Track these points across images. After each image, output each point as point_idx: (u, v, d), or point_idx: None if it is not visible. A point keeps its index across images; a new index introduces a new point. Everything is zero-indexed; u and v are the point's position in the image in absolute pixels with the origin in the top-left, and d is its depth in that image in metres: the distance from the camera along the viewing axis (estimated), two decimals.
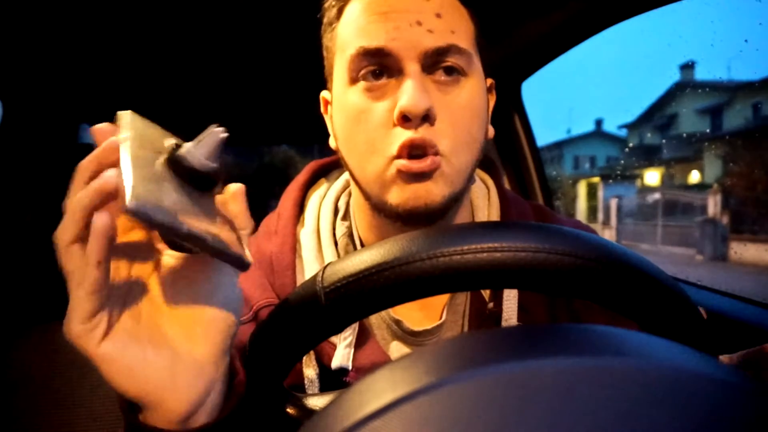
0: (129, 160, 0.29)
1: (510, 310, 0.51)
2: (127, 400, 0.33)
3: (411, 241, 0.30)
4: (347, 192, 0.60)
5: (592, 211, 17.02)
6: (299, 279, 0.54)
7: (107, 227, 0.28)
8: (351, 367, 0.49)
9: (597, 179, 17.63)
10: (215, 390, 0.34)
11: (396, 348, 0.53)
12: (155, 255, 0.34)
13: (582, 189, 18.37)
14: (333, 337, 0.51)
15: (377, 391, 0.20)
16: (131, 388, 0.31)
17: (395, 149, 0.45)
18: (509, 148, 1.40)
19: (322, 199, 0.59)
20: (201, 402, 0.33)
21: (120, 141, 0.30)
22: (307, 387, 0.50)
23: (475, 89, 0.49)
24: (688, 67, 19.25)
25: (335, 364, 0.49)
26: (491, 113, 0.55)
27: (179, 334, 0.33)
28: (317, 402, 0.42)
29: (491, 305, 0.52)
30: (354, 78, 0.48)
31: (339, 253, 0.55)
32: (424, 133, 0.45)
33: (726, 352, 0.44)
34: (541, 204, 0.65)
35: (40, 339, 0.97)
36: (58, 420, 0.94)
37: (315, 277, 0.32)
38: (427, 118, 0.45)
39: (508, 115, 1.35)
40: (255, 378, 0.36)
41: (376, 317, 0.54)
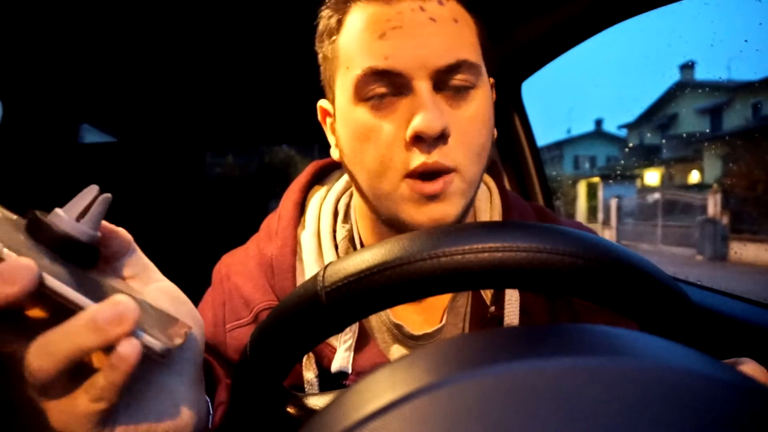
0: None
1: (512, 313, 0.51)
2: None
3: (412, 241, 0.30)
4: (348, 194, 0.60)
5: (592, 211, 17.02)
6: (299, 282, 0.54)
7: (139, 353, 0.26)
8: (351, 371, 0.49)
9: (597, 179, 17.64)
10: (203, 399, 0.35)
11: (396, 351, 0.53)
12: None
13: (582, 189, 18.37)
14: (333, 340, 0.50)
15: (377, 391, 0.20)
16: None
17: (409, 169, 0.45)
18: (509, 148, 1.40)
19: (322, 201, 0.59)
20: (201, 414, 0.33)
21: None
22: (307, 390, 0.50)
23: (484, 99, 0.48)
24: (688, 67, 19.25)
25: (335, 367, 0.49)
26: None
27: (162, 369, 0.31)
28: (317, 402, 0.42)
29: (493, 309, 0.52)
30: (361, 97, 0.46)
31: (339, 257, 0.55)
32: (437, 156, 0.44)
33: (726, 352, 0.44)
34: (543, 206, 0.65)
35: None
36: None
37: (316, 277, 0.32)
38: (441, 137, 0.45)
39: (508, 115, 1.35)
40: (255, 378, 0.36)
41: (376, 320, 0.54)
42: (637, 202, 14.65)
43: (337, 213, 0.58)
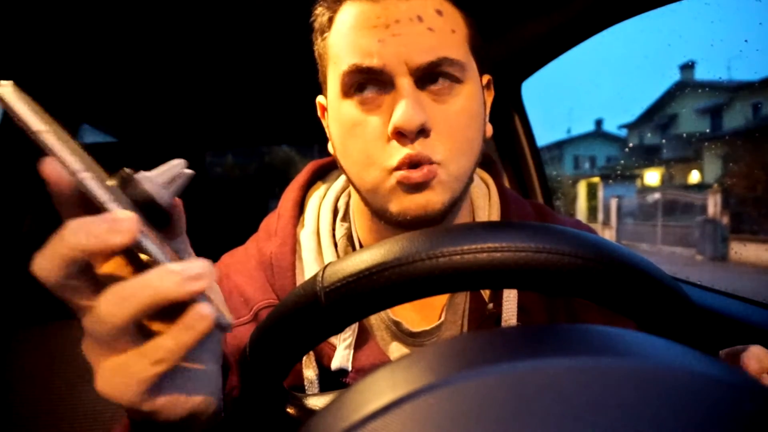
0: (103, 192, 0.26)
1: (509, 310, 0.51)
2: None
3: (411, 241, 0.30)
4: (347, 192, 0.60)
5: (592, 211, 17.03)
6: (299, 280, 0.54)
7: (212, 318, 0.27)
8: (351, 368, 0.49)
9: (597, 179, 17.64)
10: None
11: (395, 349, 0.53)
12: None
13: (582, 189, 18.37)
14: (332, 338, 0.51)
15: (377, 391, 0.20)
16: (183, 414, 0.30)
17: (394, 162, 0.46)
18: (509, 148, 1.40)
19: (321, 200, 0.59)
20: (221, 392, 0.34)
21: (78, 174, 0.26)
22: (307, 388, 0.50)
23: (471, 94, 0.49)
24: (688, 67, 19.26)
25: (335, 365, 0.49)
26: (490, 110, 0.55)
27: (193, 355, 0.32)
28: (317, 402, 0.42)
29: (491, 306, 0.52)
30: (347, 92, 0.48)
31: (338, 255, 0.56)
32: (420, 148, 0.45)
33: None
34: (542, 203, 0.65)
35: (40, 339, 0.97)
36: (58, 420, 0.94)
37: (315, 277, 0.32)
38: (422, 132, 0.45)
39: (508, 115, 1.35)
40: (255, 378, 0.36)
41: (375, 318, 0.54)
42: (637, 202, 14.65)
43: (337, 211, 0.59)
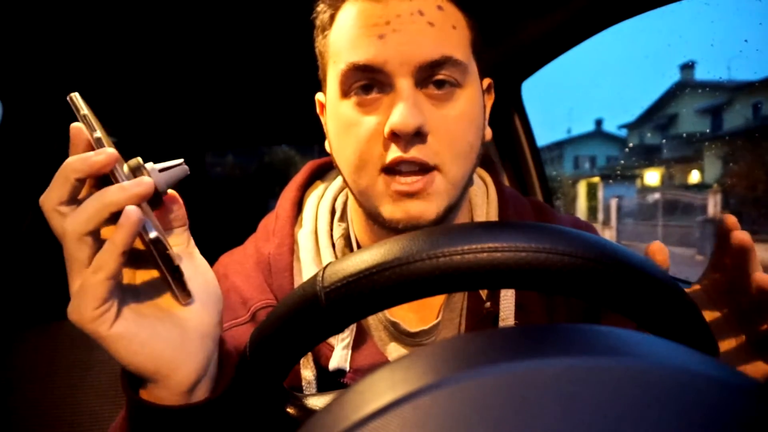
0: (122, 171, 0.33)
1: (507, 309, 0.51)
2: (130, 380, 0.35)
3: (411, 241, 0.30)
4: (344, 192, 0.60)
5: (592, 211, 17.02)
6: (297, 281, 0.54)
7: (141, 219, 0.30)
8: (349, 369, 0.49)
9: (597, 179, 17.65)
10: (213, 361, 0.37)
11: (394, 349, 0.53)
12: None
13: (582, 189, 18.37)
14: (331, 339, 0.51)
15: (377, 391, 0.20)
16: (146, 363, 0.33)
17: (385, 162, 0.45)
18: (509, 148, 1.40)
19: (319, 200, 0.59)
20: (205, 371, 0.35)
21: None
22: (305, 388, 0.50)
23: (471, 98, 0.48)
24: (688, 67, 19.28)
25: (333, 365, 0.49)
26: (489, 113, 0.55)
27: (180, 307, 0.35)
28: (317, 402, 0.42)
29: (488, 305, 0.52)
30: (346, 92, 0.47)
31: (336, 255, 0.55)
32: (415, 153, 0.45)
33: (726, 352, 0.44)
34: (540, 201, 0.65)
35: (40, 339, 0.97)
36: (58, 420, 0.94)
37: (315, 277, 0.32)
38: (419, 135, 0.45)
39: (508, 115, 1.35)
40: (255, 378, 0.36)
41: (373, 319, 0.54)
42: (637, 202, 14.65)
43: (335, 211, 0.59)
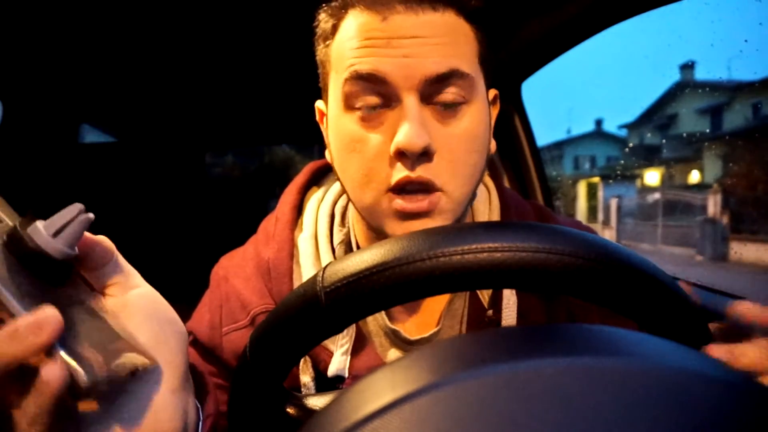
0: None
1: (509, 317, 0.50)
2: None
3: (411, 241, 0.30)
4: (345, 197, 0.59)
5: (592, 211, 17.03)
6: (297, 285, 0.53)
7: (65, 382, 0.25)
8: (348, 375, 0.49)
9: (597, 179, 17.65)
10: (190, 412, 0.35)
11: (393, 356, 0.52)
12: None
13: (582, 189, 18.37)
14: (330, 344, 0.50)
15: (377, 391, 0.20)
16: None
17: (392, 182, 0.44)
18: (509, 148, 1.40)
19: (320, 203, 0.58)
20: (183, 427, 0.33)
21: None
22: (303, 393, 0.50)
23: (477, 115, 0.47)
24: (688, 67, 19.29)
25: (332, 371, 0.49)
26: (494, 123, 0.53)
27: (139, 383, 0.32)
28: (317, 402, 0.42)
29: (490, 312, 0.51)
30: (349, 105, 0.46)
31: None
32: (421, 172, 0.44)
33: None
34: (542, 204, 0.65)
35: None
36: None
37: (315, 277, 0.32)
38: (425, 154, 0.44)
39: (508, 115, 1.35)
40: (255, 379, 0.36)
41: (373, 325, 0.53)
42: (637, 202, 14.65)
43: (334, 216, 0.58)
